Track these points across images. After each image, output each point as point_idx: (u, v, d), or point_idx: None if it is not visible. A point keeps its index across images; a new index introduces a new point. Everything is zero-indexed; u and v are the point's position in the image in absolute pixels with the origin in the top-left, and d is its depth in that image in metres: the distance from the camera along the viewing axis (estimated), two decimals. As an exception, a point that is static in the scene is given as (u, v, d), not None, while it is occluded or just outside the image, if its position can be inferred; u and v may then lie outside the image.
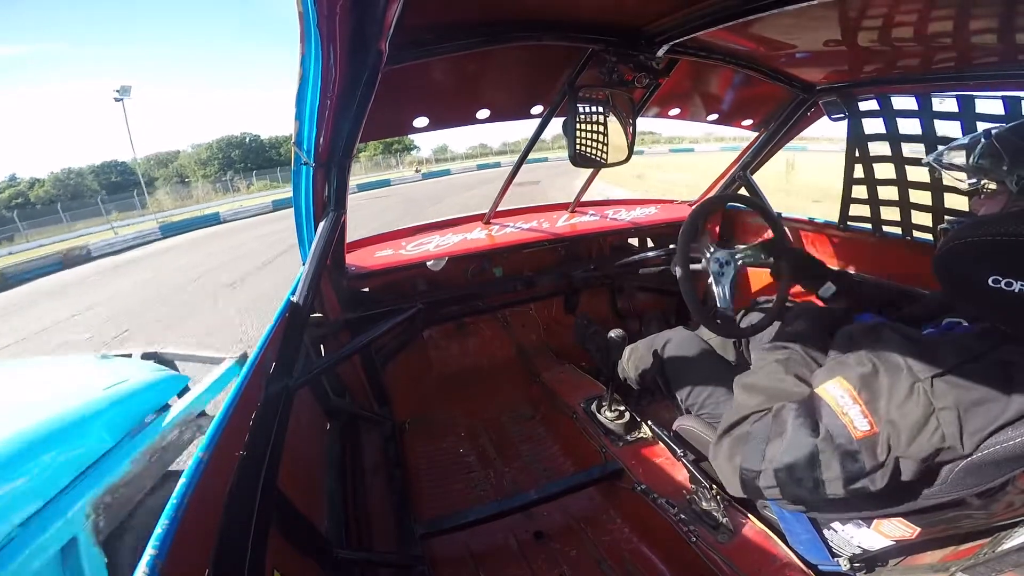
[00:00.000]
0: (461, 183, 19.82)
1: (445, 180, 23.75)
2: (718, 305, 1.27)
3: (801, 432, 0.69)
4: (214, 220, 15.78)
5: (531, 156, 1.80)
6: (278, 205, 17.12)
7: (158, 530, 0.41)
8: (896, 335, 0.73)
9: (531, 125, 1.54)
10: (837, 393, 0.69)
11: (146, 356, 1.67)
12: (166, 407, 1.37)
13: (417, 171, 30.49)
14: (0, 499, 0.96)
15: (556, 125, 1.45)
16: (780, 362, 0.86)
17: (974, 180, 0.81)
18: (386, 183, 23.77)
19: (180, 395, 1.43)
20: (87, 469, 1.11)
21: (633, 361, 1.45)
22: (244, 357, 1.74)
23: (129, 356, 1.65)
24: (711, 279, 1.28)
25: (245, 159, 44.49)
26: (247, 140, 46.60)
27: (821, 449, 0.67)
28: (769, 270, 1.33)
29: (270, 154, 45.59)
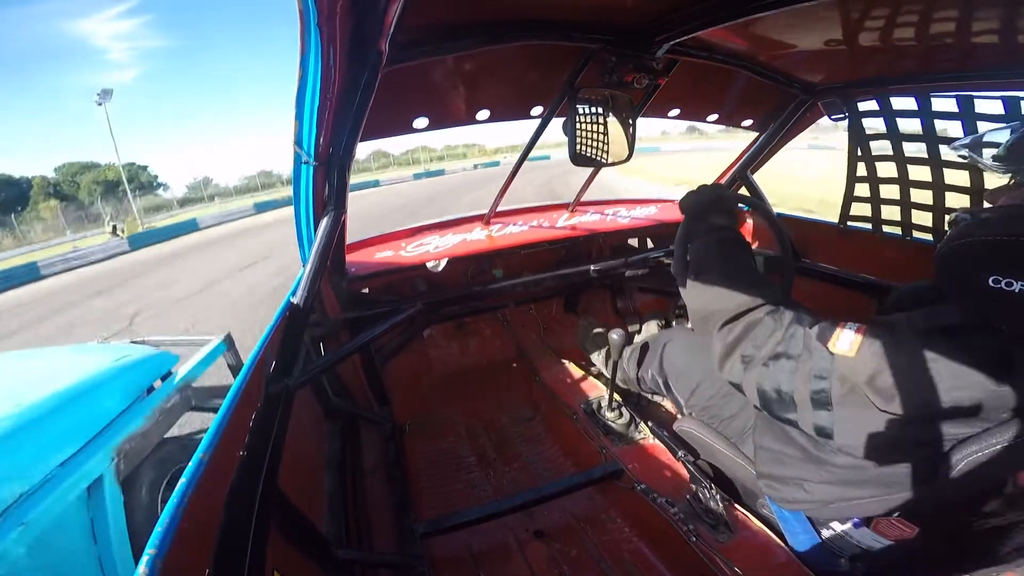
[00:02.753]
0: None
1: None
2: None
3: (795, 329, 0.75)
4: None
5: (526, 155, 1.80)
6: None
7: (158, 530, 0.41)
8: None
9: (493, 127, 1.54)
10: (847, 324, 0.72)
11: (134, 343, 1.89)
12: (166, 376, 1.62)
13: (117, 233, 15.67)
14: (41, 445, 1.20)
15: (554, 126, 1.46)
16: (754, 266, 0.92)
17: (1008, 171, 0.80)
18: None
19: (173, 369, 1.69)
20: (110, 423, 1.36)
21: (633, 361, 1.46)
22: (229, 337, 1.99)
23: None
24: None
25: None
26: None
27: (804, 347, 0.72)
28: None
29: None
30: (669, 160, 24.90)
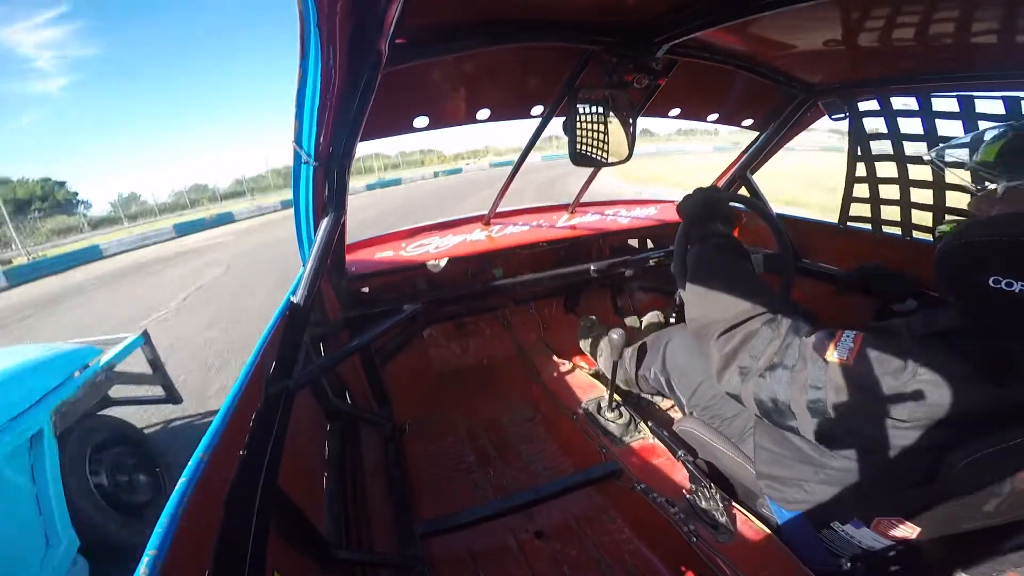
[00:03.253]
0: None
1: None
2: None
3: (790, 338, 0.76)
4: None
5: (500, 160, 1.80)
6: None
7: (158, 530, 0.41)
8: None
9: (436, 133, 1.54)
10: (845, 332, 0.72)
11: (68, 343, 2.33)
12: (93, 362, 2.09)
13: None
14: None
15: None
16: (752, 273, 0.91)
17: (979, 179, 0.81)
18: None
19: (98, 358, 2.14)
20: (48, 393, 1.79)
21: (633, 361, 1.46)
22: (146, 333, 2.42)
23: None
24: None
25: None
26: None
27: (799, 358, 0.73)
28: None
29: None
30: (693, 163, 21.80)
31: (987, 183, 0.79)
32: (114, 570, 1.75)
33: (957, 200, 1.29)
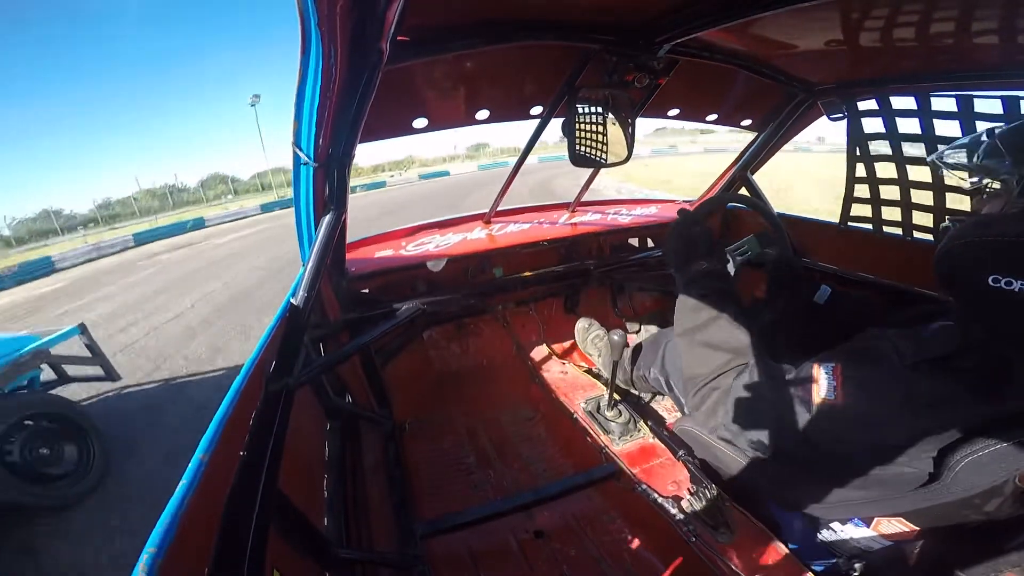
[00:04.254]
0: None
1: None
2: None
3: (768, 388, 0.76)
4: None
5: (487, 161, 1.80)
6: None
7: (157, 529, 0.41)
8: (892, 330, 0.75)
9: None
10: (823, 367, 0.72)
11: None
12: (27, 346, 2.56)
13: None
14: None
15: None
16: (730, 321, 0.90)
17: (976, 179, 0.81)
18: None
19: (33, 345, 2.60)
20: None
21: (633, 361, 1.46)
22: (83, 324, 2.95)
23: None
24: None
25: None
26: None
27: (787, 406, 0.72)
28: (764, 268, 1.34)
29: None
30: (711, 164, 17.62)
31: (991, 182, 0.79)
32: (9, 522, 2.31)
33: (958, 201, 1.29)
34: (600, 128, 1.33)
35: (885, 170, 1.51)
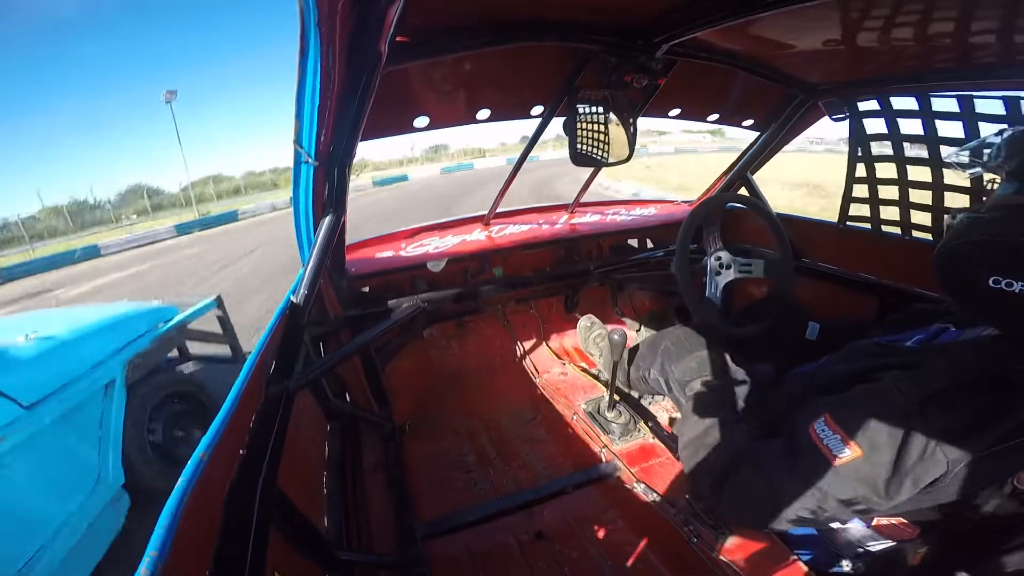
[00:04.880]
0: None
1: None
2: (705, 294, 1.29)
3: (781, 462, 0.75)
4: None
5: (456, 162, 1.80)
6: None
7: (158, 530, 0.41)
8: (886, 356, 0.75)
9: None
10: (818, 426, 0.71)
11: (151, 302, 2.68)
12: (169, 319, 2.38)
13: None
14: (81, 356, 1.89)
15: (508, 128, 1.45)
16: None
17: (990, 177, 0.81)
18: None
19: (175, 317, 2.45)
20: (125, 345, 2.06)
21: (633, 361, 1.45)
22: (219, 298, 2.75)
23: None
24: (706, 276, 1.30)
25: None
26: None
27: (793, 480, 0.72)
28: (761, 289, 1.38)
29: None
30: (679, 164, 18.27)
31: (994, 180, 0.78)
32: (154, 506, 1.92)
33: (959, 200, 1.29)
34: (601, 128, 1.33)
35: (885, 170, 1.51)
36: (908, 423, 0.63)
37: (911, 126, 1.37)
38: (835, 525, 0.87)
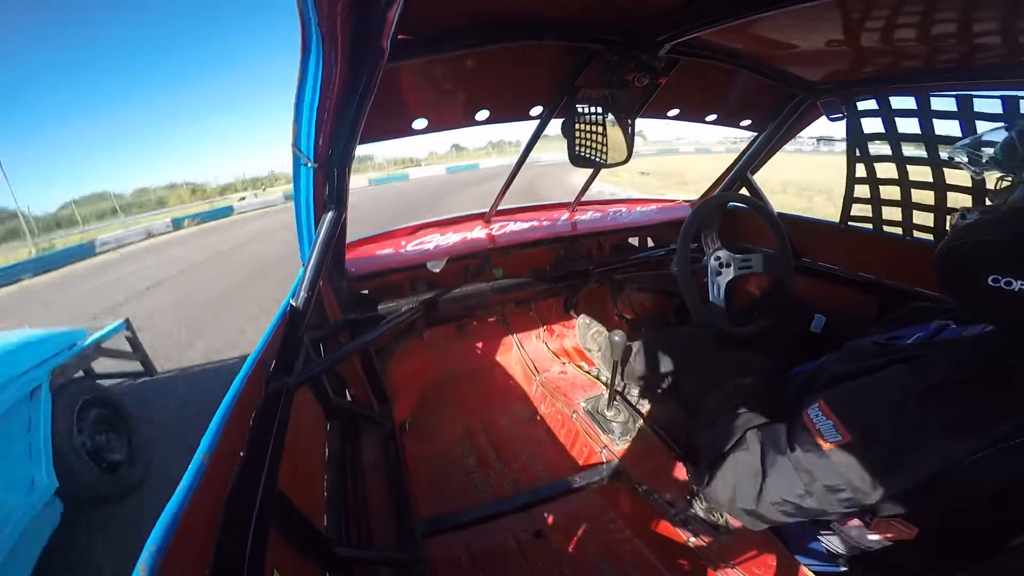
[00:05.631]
0: None
1: None
2: (708, 298, 1.29)
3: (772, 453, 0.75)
4: None
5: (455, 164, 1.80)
6: None
7: (158, 528, 0.41)
8: (887, 355, 0.75)
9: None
10: (812, 411, 0.71)
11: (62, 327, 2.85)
12: (81, 339, 2.60)
13: None
14: (8, 365, 2.04)
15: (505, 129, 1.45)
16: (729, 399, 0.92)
17: (998, 175, 0.81)
18: None
19: (86, 338, 2.66)
20: (47, 359, 2.22)
21: (634, 361, 1.46)
22: (128, 320, 3.03)
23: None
24: (707, 277, 1.29)
25: None
26: None
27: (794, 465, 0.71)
28: (761, 285, 1.37)
29: None
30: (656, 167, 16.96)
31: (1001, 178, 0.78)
32: (89, 510, 2.20)
33: (958, 200, 1.29)
34: (600, 128, 1.33)
35: (885, 170, 1.51)
36: (904, 414, 0.63)
37: (909, 126, 1.37)
38: (835, 526, 0.87)
